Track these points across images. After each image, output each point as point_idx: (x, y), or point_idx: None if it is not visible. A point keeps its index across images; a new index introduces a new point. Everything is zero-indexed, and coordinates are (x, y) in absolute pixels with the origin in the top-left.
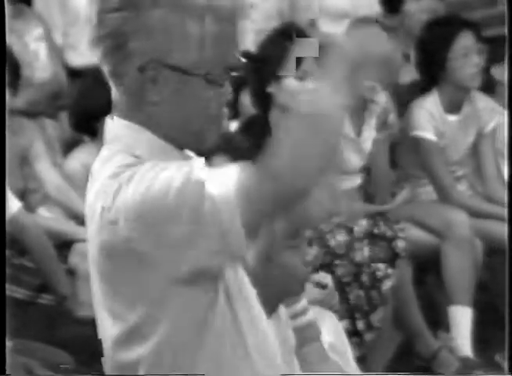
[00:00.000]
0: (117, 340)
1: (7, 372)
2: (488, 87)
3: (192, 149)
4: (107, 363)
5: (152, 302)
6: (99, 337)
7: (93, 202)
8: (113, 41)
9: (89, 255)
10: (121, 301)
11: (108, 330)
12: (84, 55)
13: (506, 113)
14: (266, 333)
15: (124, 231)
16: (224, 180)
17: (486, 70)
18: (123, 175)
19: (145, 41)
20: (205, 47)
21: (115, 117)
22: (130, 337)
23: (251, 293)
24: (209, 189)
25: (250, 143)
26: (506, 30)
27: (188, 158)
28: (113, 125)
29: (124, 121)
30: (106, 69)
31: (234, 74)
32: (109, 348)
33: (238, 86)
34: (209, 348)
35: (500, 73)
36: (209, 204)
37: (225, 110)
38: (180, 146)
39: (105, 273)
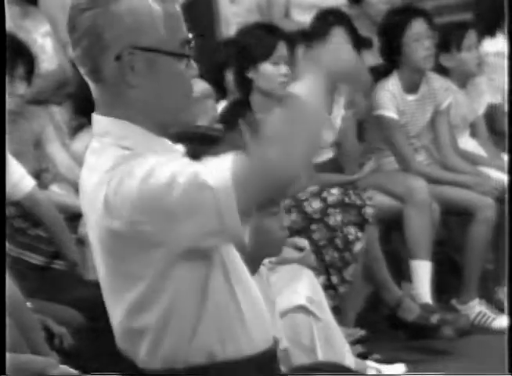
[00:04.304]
0: (127, 309)
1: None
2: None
3: (170, 127)
4: (117, 331)
5: (154, 276)
6: (108, 311)
7: (94, 193)
8: (90, 37)
9: (93, 242)
10: (125, 277)
11: (115, 303)
12: None
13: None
14: (258, 300)
15: (131, 216)
16: (221, 171)
17: (436, 57)
18: (122, 168)
19: (117, 30)
20: (167, 25)
21: (98, 115)
22: (136, 307)
23: (242, 264)
24: (208, 181)
25: (226, 131)
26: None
27: (169, 146)
28: (100, 121)
29: (109, 117)
30: (84, 70)
31: (191, 46)
32: (119, 317)
33: (223, 67)
34: (208, 316)
35: (448, 61)
36: (209, 195)
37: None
38: (160, 132)
39: (112, 254)
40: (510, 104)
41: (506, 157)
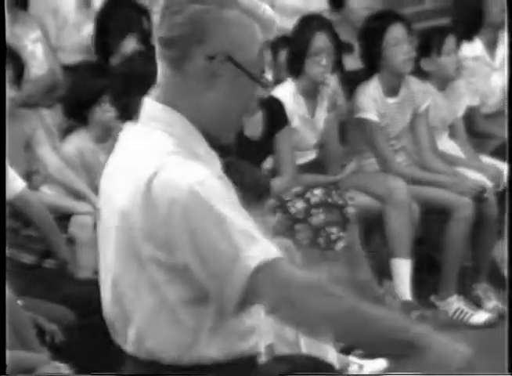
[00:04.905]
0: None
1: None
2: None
3: (214, 136)
4: (105, 298)
5: (158, 275)
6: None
7: (135, 170)
8: (192, 27)
9: (109, 216)
10: (130, 260)
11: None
12: (72, 55)
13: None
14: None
15: (163, 216)
16: (256, 257)
17: (416, 61)
18: (175, 162)
19: (221, 34)
20: (260, 51)
21: (153, 100)
22: (130, 290)
23: None
24: (250, 263)
25: None
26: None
27: (209, 149)
28: (152, 106)
29: (161, 104)
30: (167, 52)
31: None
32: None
33: None
34: (208, 333)
35: (429, 65)
36: (234, 269)
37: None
38: (205, 134)
39: (125, 233)
40: (510, 112)
41: (505, 167)
